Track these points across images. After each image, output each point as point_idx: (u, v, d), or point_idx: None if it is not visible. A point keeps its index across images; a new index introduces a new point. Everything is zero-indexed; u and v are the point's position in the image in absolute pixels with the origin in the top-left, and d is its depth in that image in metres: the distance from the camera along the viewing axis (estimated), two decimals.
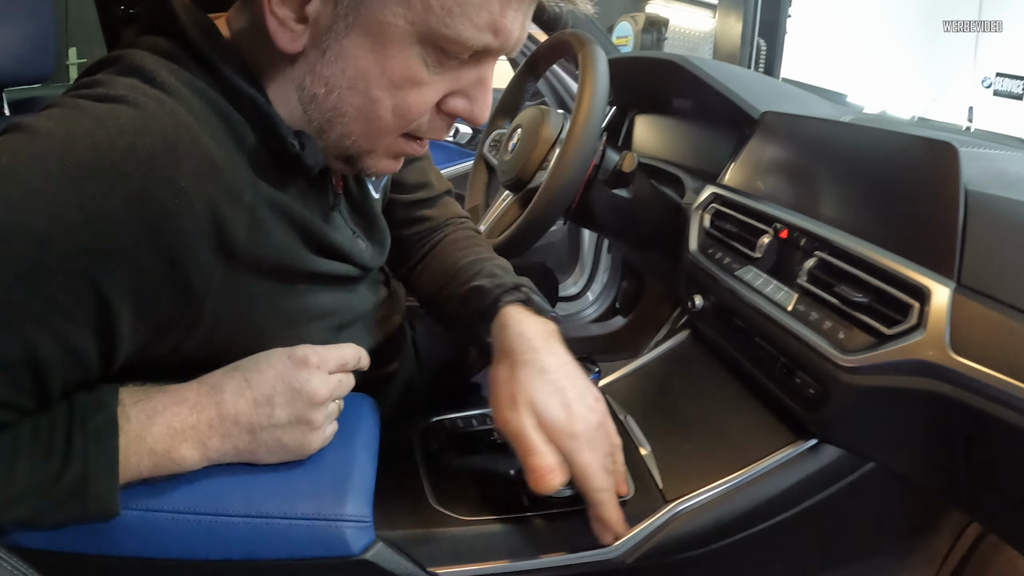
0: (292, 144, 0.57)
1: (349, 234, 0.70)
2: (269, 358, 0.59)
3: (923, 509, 0.86)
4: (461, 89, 0.59)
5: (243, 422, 0.56)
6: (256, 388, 0.57)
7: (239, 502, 0.56)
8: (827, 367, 0.66)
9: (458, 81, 0.58)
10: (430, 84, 0.57)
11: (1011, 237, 0.61)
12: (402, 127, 0.59)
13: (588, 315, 1.80)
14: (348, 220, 0.71)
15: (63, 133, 0.46)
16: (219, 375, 0.58)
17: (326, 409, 0.60)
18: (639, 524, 0.68)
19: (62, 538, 0.53)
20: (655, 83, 1.29)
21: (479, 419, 0.81)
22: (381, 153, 0.62)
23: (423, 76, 0.56)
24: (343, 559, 0.58)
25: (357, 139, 0.59)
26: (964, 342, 0.57)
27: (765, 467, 0.71)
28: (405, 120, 0.58)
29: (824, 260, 0.72)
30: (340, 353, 0.63)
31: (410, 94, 0.56)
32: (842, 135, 0.84)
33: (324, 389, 0.59)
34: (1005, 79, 6.16)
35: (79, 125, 0.46)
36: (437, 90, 0.58)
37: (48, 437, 0.50)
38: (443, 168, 1.97)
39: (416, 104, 0.57)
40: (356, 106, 0.57)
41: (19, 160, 0.45)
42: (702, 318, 0.93)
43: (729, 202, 0.92)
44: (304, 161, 0.58)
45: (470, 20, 0.53)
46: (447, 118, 0.61)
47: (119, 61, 0.53)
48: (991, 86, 6.26)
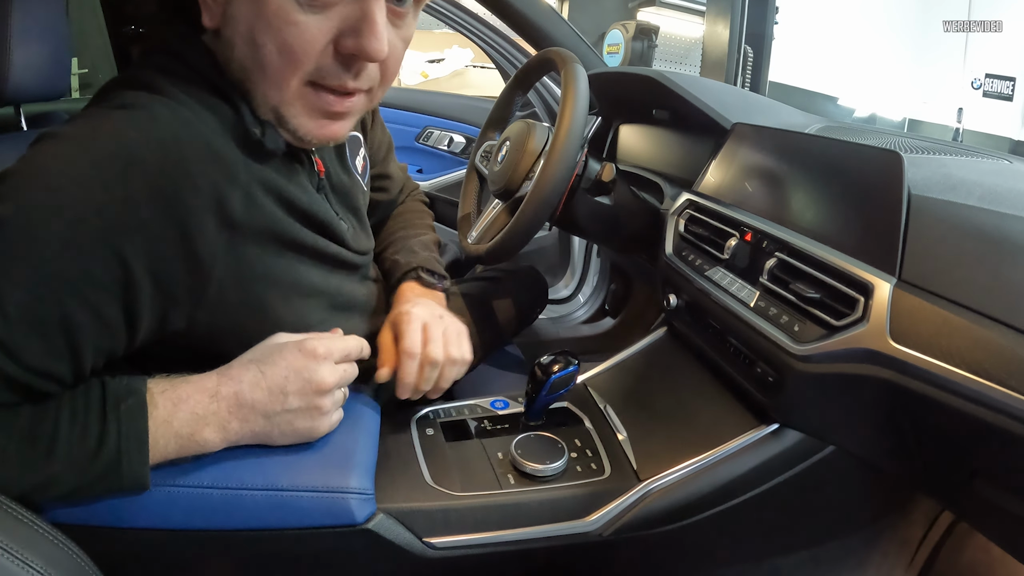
0: (254, 132, 0.64)
1: (333, 214, 0.76)
2: (282, 350, 0.65)
3: (891, 495, 0.91)
4: (348, 27, 0.61)
5: (259, 409, 0.63)
6: (270, 379, 0.64)
7: (256, 477, 0.63)
8: (783, 356, 0.72)
9: (343, 19, 0.61)
10: (307, 22, 0.59)
11: (948, 236, 0.66)
12: (296, 70, 0.62)
13: (579, 316, 1.85)
14: (333, 203, 0.78)
15: (88, 133, 0.55)
16: (236, 367, 0.64)
17: (333, 396, 0.67)
18: (614, 500, 0.74)
19: (96, 513, 0.60)
20: (636, 95, 1.35)
21: (470, 408, 0.88)
22: (300, 109, 0.65)
23: (297, 16, 0.59)
24: (348, 528, 0.64)
25: (267, 93, 0.64)
26: (903, 332, 0.63)
27: (730, 450, 0.78)
28: (293, 61, 0.61)
29: (783, 260, 0.78)
30: (344, 344, 0.69)
31: (289, 33, 0.59)
32: (803, 145, 0.90)
33: (331, 378, 0.66)
34: (995, 80, 6.19)
35: (102, 127, 0.56)
36: (319, 29, 0.60)
37: (84, 420, 0.56)
38: (437, 176, 2.04)
39: (297, 43, 0.60)
40: (250, 57, 0.62)
41: (53, 157, 0.54)
42: (677, 316, 0.99)
43: (702, 208, 0.98)
44: (265, 145, 0.65)
45: None
46: (345, 60, 0.63)
47: (129, 79, 0.62)
48: (980, 87, 6.29)
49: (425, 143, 2.14)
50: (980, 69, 6.23)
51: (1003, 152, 1.07)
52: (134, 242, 0.55)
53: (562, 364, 0.80)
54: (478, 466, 0.77)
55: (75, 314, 0.54)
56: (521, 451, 0.77)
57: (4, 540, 0.46)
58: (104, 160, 0.54)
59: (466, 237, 1.14)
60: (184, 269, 0.59)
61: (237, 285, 0.64)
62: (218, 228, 0.60)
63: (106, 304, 0.55)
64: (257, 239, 0.65)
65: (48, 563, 0.48)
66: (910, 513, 0.96)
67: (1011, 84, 6.04)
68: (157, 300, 0.58)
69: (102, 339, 0.57)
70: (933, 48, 6.54)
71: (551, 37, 1.51)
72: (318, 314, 0.74)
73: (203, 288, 0.61)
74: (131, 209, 0.54)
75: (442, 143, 2.11)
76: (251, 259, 0.64)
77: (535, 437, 0.80)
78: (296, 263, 0.70)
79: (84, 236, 0.53)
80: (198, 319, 0.62)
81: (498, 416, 0.87)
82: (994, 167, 0.88)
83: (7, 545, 0.46)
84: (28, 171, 0.54)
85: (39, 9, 1.13)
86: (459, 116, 2.13)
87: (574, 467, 0.78)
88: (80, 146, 0.54)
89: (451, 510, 0.71)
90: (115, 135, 0.55)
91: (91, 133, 0.55)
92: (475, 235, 1.12)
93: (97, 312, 0.55)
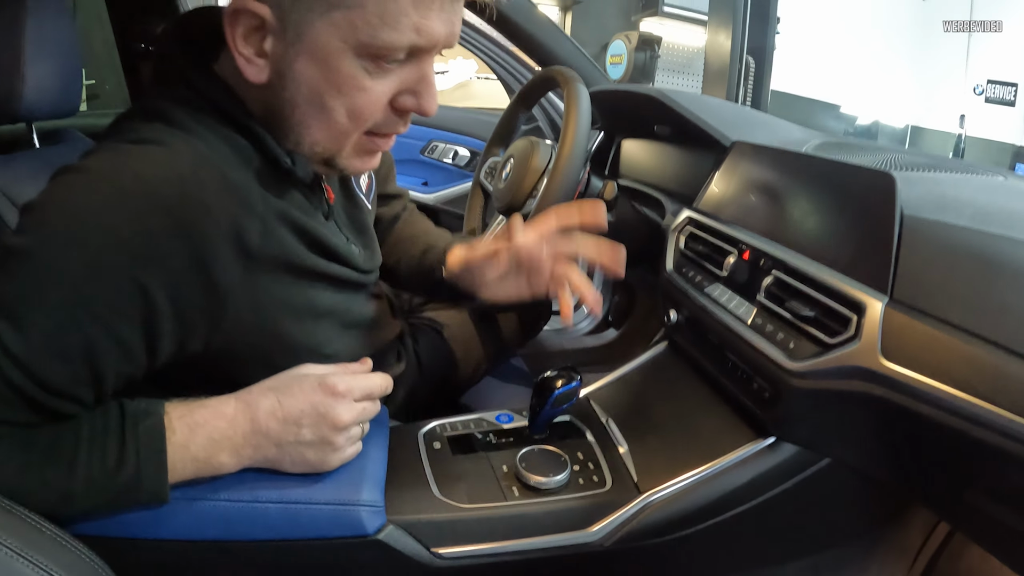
0: (285, 161, 0.67)
1: (343, 240, 0.79)
2: (302, 382, 0.68)
3: (889, 504, 0.92)
4: (407, 87, 0.67)
5: (272, 437, 0.65)
6: (287, 409, 0.66)
7: (271, 490, 0.65)
8: (779, 373, 0.74)
9: (402, 81, 0.66)
10: (374, 87, 0.64)
11: (938, 256, 0.67)
12: (360, 127, 0.67)
13: (582, 328, 1.86)
14: (342, 228, 0.81)
15: (110, 168, 0.57)
16: (255, 393, 0.67)
17: (348, 433, 0.69)
18: (616, 512, 0.77)
19: (116, 525, 0.62)
20: (638, 112, 1.37)
21: (475, 422, 0.90)
22: (350, 152, 0.70)
23: (366, 82, 0.64)
24: (359, 539, 0.67)
25: (325, 144, 0.68)
26: (894, 350, 0.65)
27: (728, 462, 0.79)
28: (360, 121, 0.66)
29: (779, 278, 0.80)
30: (367, 383, 0.71)
31: (358, 98, 0.64)
32: (799, 164, 0.92)
33: (348, 416, 0.68)
34: (996, 86, 6.19)
35: (122, 162, 0.58)
36: (383, 91, 0.65)
37: (104, 440, 0.59)
38: (442, 188, 2.07)
39: (366, 106, 0.65)
40: (316, 117, 0.66)
41: (77, 191, 0.57)
42: (677, 331, 1.02)
43: (701, 225, 1.00)
44: (296, 174, 0.68)
45: (392, 28, 0.60)
46: (401, 114, 0.69)
47: (145, 111, 0.64)
48: (983, 93, 6.29)
49: (430, 156, 2.17)
50: (982, 75, 6.24)
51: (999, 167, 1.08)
52: (155, 273, 0.57)
53: (565, 379, 0.82)
54: (484, 479, 0.79)
55: (98, 341, 0.56)
56: (525, 464, 0.79)
57: (28, 551, 0.48)
58: (125, 196, 0.56)
59: None
60: (203, 297, 0.61)
61: (252, 310, 0.66)
62: (235, 258, 0.62)
63: (128, 332, 0.58)
64: (272, 267, 0.67)
65: (71, 573, 0.51)
66: (908, 522, 0.97)
67: (1013, 89, 6.05)
68: (176, 326, 0.60)
69: (123, 364, 0.59)
70: (935, 55, 6.55)
71: (554, 53, 1.54)
72: (328, 333, 0.76)
73: (220, 314, 0.63)
74: (152, 242, 0.56)
75: (447, 156, 2.15)
76: (266, 285, 0.67)
77: (539, 450, 0.82)
78: (308, 288, 0.73)
79: (108, 268, 0.55)
80: (214, 342, 0.65)
81: (503, 430, 0.89)
82: (988, 184, 0.90)
83: (31, 556, 0.48)
84: (53, 205, 0.56)
85: (51, 29, 1.15)
86: (463, 129, 2.16)
87: (576, 479, 0.80)
88: (102, 181, 0.57)
89: (458, 521, 0.73)
90: (135, 171, 0.57)
91: (111, 168, 0.57)
92: None
93: (119, 339, 0.57)
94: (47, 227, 0.55)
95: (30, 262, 0.54)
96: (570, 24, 5.07)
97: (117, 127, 0.64)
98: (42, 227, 0.55)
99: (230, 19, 0.61)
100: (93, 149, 0.61)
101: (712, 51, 3.10)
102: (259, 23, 0.61)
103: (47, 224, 0.55)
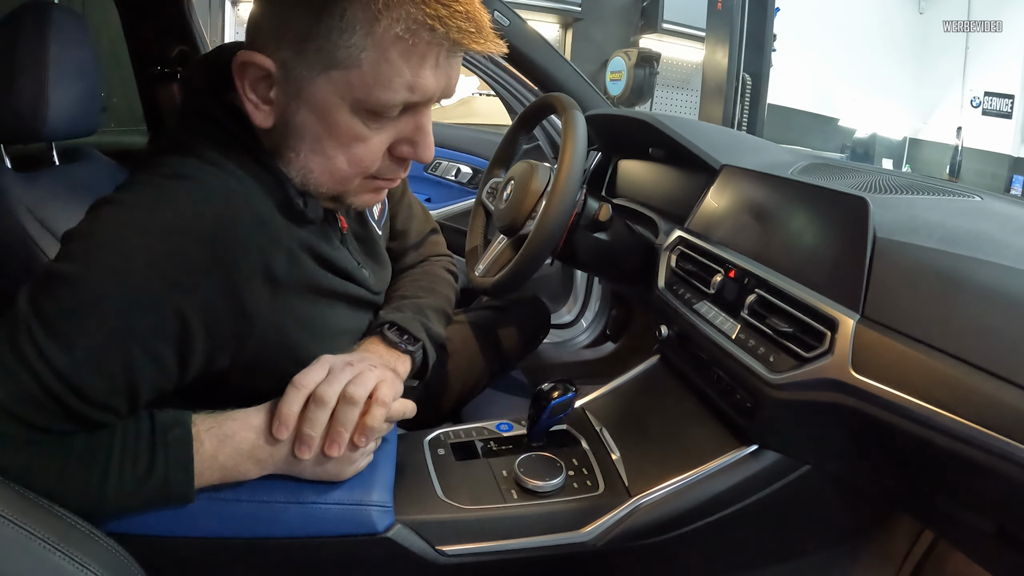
0: (297, 203, 0.71)
1: (355, 264, 0.84)
2: None
3: (872, 510, 0.96)
4: (405, 137, 0.70)
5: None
6: None
7: (288, 491, 0.71)
8: (759, 385, 0.79)
9: (400, 131, 0.70)
10: (372, 138, 0.68)
11: (906, 276, 0.72)
12: (361, 174, 0.71)
13: (581, 341, 1.90)
14: (354, 253, 0.86)
15: (149, 203, 0.62)
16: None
17: (364, 448, 0.73)
18: (607, 514, 0.82)
19: (144, 523, 0.67)
20: (633, 135, 1.43)
21: (477, 431, 0.95)
22: (355, 191, 0.74)
23: (364, 133, 0.67)
24: (369, 536, 0.72)
25: (329, 187, 0.72)
26: (864, 364, 0.69)
27: (713, 468, 0.84)
28: (360, 169, 0.70)
29: (761, 296, 0.85)
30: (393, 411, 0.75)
31: (358, 149, 0.68)
32: (783, 188, 0.97)
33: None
34: (993, 98, 6.22)
35: (159, 197, 0.62)
36: (382, 141, 0.69)
37: (135, 448, 0.63)
38: (445, 205, 2.11)
39: (365, 155, 0.69)
40: (318, 163, 0.70)
41: (119, 223, 0.61)
42: (668, 345, 1.07)
43: (691, 245, 1.05)
44: (307, 216, 0.73)
45: (386, 88, 0.64)
46: (399, 161, 0.73)
47: (176, 146, 0.68)
48: (979, 105, 6.32)
49: (433, 173, 2.23)
50: (979, 87, 6.28)
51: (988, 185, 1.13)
52: (192, 300, 0.62)
53: (561, 391, 0.87)
54: (484, 482, 0.84)
55: (136, 360, 0.61)
56: (523, 469, 0.84)
57: (63, 545, 0.53)
58: (165, 230, 0.61)
59: (473, 270, 1.22)
60: (233, 320, 0.66)
61: (276, 329, 0.70)
62: (263, 285, 0.67)
63: (164, 352, 0.62)
64: (296, 291, 0.72)
65: (103, 566, 0.55)
66: (893, 528, 1.01)
67: (1010, 102, 6.09)
68: (208, 346, 0.65)
69: (158, 380, 0.64)
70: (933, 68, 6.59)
71: (553, 77, 1.58)
72: (342, 349, 0.80)
73: (248, 334, 0.68)
74: (190, 274, 0.61)
75: (450, 173, 2.21)
76: (290, 308, 0.71)
77: (536, 457, 0.87)
78: (326, 308, 0.78)
79: (148, 296, 0.60)
80: (240, 359, 0.69)
81: (503, 437, 0.94)
82: (961, 207, 0.94)
83: (66, 550, 0.53)
84: (97, 235, 0.61)
85: (73, 52, 1.19)
86: (466, 148, 2.22)
87: (571, 484, 0.85)
88: (143, 215, 0.61)
89: (460, 521, 0.78)
90: (173, 206, 0.62)
91: (151, 202, 0.62)
92: (482, 268, 1.20)
93: (155, 358, 0.62)
94: (93, 257, 0.60)
95: (77, 288, 0.59)
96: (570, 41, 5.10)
97: (152, 160, 0.68)
98: (88, 257, 0.60)
99: (238, 69, 0.66)
100: (131, 183, 0.65)
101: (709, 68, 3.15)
102: (265, 73, 0.66)
103: (92, 255, 0.60)
